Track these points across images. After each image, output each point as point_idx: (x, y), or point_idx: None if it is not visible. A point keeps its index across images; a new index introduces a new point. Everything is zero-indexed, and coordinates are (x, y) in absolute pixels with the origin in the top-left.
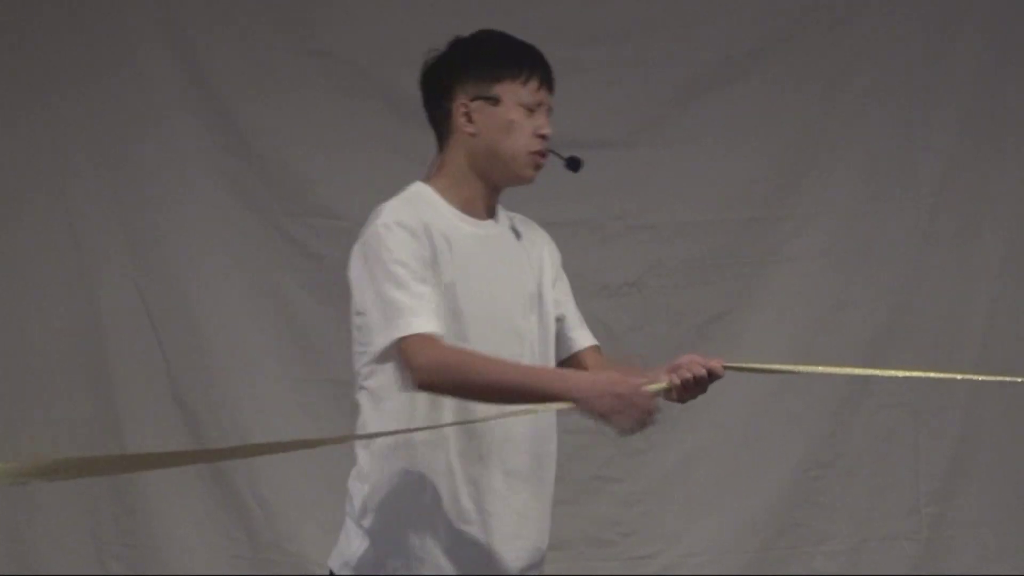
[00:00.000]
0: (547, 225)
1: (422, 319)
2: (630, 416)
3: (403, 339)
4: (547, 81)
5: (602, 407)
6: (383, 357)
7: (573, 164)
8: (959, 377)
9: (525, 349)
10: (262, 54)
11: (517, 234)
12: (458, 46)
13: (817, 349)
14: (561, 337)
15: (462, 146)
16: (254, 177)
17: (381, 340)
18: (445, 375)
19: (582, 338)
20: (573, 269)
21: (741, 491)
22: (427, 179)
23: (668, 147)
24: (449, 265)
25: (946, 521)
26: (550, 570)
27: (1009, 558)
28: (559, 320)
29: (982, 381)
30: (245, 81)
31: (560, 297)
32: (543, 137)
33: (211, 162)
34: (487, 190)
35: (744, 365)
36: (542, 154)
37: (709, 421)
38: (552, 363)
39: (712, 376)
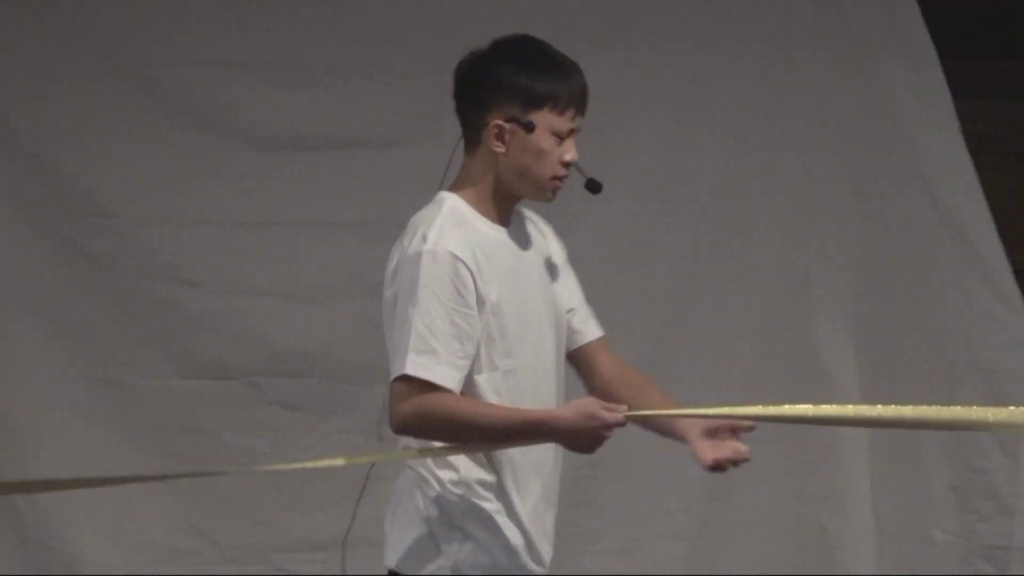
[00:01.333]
0: (328, 225)
1: (442, 369)
2: (591, 450)
3: (406, 378)
4: (583, 108)
5: (575, 448)
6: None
7: (593, 186)
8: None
9: (545, 361)
10: (35, 51)
11: (527, 232)
12: (502, 57)
13: None
14: (569, 330)
15: (490, 160)
16: (24, 176)
17: (394, 368)
18: (420, 430)
19: (590, 330)
20: (353, 270)
21: None
22: (455, 187)
23: (448, 147)
24: (493, 282)
25: (717, 520)
26: (316, 570)
27: (780, 557)
28: (569, 312)
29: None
30: (15, 78)
31: (568, 289)
32: (567, 164)
33: None
34: (510, 200)
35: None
36: (562, 178)
37: None
38: (562, 366)
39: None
